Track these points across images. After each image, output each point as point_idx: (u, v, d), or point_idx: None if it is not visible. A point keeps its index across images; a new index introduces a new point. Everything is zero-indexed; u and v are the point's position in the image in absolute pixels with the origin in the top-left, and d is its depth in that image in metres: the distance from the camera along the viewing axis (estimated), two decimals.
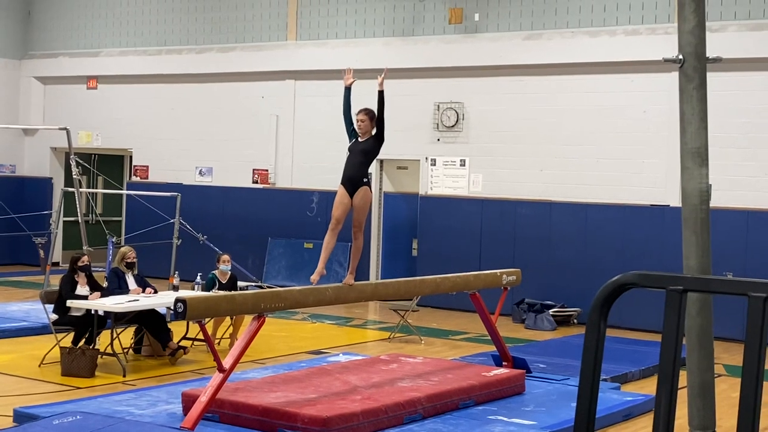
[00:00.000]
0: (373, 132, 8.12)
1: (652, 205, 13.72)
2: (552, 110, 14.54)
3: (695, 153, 4.52)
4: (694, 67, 4.46)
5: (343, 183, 8.11)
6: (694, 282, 2.61)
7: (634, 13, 13.97)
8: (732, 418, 2.62)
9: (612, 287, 2.59)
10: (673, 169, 12.66)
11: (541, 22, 14.66)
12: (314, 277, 8.24)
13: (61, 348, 9.47)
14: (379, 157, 15.74)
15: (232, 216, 17.30)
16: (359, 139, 8.11)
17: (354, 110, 8.18)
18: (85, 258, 10.23)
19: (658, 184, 13.67)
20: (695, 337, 4.42)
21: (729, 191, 13.09)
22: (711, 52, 4.69)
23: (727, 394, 9.09)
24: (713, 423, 4.51)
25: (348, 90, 8.21)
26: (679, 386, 2.65)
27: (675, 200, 12.94)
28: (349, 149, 8.14)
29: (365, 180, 8.09)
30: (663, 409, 2.49)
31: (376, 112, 8.10)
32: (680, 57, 4.44)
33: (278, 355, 10.89)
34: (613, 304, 2.65)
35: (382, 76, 8.23)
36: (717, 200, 12.84)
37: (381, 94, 8.08)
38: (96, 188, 19.30)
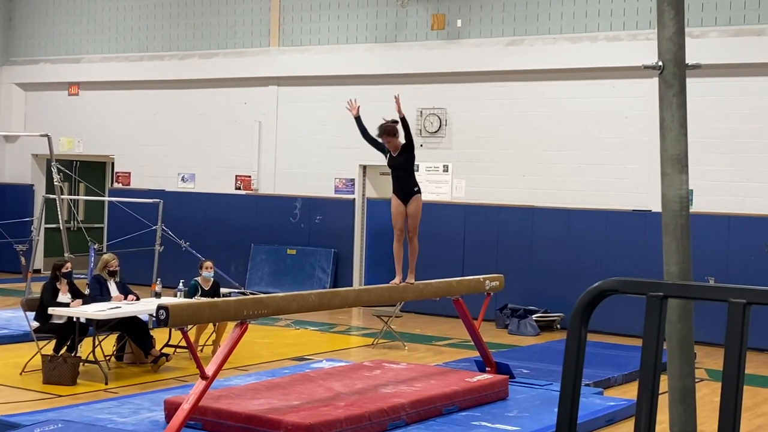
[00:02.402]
0: (403, 141, 8.70)
1: (634, 210, 13.78)
2: (534, 116, 14.58)
3: (675, 159, 4.54)
4: (673, 74, 4.47)
5: (396, 193, 8.82)
6: (674, 288, 2.62)
7: (615, 20, 14.03)
8: (714, 423, 2.63)
9: (592, 294, 2.60)
10: (654, 174, 12.71)
11: (523, 28, 14.70)
12: (396, 282, 9.02)
13: (42, 356, 9.42)
14: (362, 162, 16.01)
15: (214, 222, 17.26)
16: (393, 154, 8.74)
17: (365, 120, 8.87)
18: (69, 265, 10.18)
19: (640, 190, 13.72)
20: (676, 343, 4.44)
21: (710, 196, 13.17)
22: (692, 58, 4.72)
23: (710, 398, 9.12)
24: (694, 428, 4.52)
25: (357, 119, 8.92)
26: (661, 391, 2.66)
27: (657, 205, 12.93)
28: (389, 165, 8.83)
29: (416, 189, 8.83)
30: (644, 414, 2.49)
31: (395, 128, 8.71)
32: (660, 64, 4.46)
33: (261, 361, 10.86)
34: (596, 309, 2.65)
35: (398, 102, 8.82)
36: (698, 205, 12.94)
37: (403, 120, 8.71)
38: (78, 195, 19.23)
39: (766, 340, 12.62)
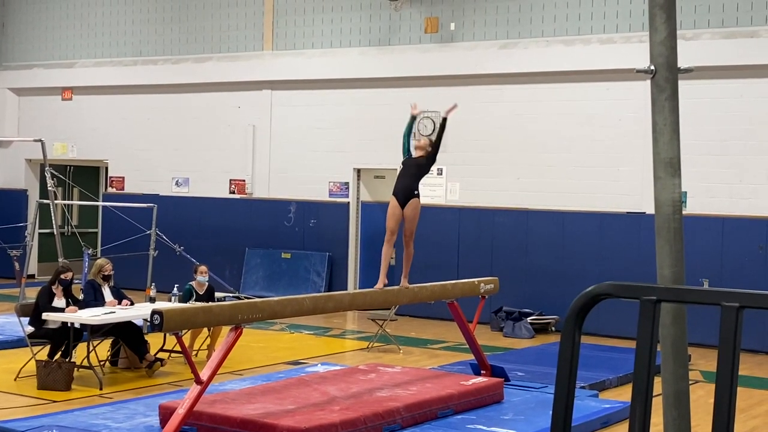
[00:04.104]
0: (429, 149, 8.85)
1: (627, 212, 13.80)
2: (528, 119, 14.60)
3: (667, 163, 4.53)
4: (665, 78, 4.47)
5: (395, 194, 8.75)
6: (667, 292, 2.62)
7: (608, 22, 14.06)
8: (709, 425, 2.64)
9: (586, 298, 2.60)
10: (648, 176, 12.69)
11: (516, 31, 14.72)
12: (379, 287, 8.87)
13: (37, 361, 9.40)
14: (356, 166, 16.00)
15: (209, 227, 17.24)
16: (413, 154, 8.82)
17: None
18: (70, 274, 10.13)
19: (634, 192, 13.74)
20: (669, 347, 4.44)
21: (704, 198, 13.19)
22: (685, 61, 4.72)
23: (704, 400, 9.13)
24: (688, 430, 4.53)
25: (413, 118, 9.05)
26: (655, 394, 2.67)
27: (650, 208, 12.93)
28: (403, 163, 8.85)
29: (416, 192, 8.75)
30: (638, 417, 2.50)
31: (434, 139, 8.95)
32: (652, 67, 4.46)
33: (256, 366, 10.86)
34: (590, 312, 2.65)
35: (453, 109, 9.13)
36: (692, 207, 12.97)
37: (444, 120, 8.95)
38: (71, 200, 19.19)
39: (761, 341, 12.65)
